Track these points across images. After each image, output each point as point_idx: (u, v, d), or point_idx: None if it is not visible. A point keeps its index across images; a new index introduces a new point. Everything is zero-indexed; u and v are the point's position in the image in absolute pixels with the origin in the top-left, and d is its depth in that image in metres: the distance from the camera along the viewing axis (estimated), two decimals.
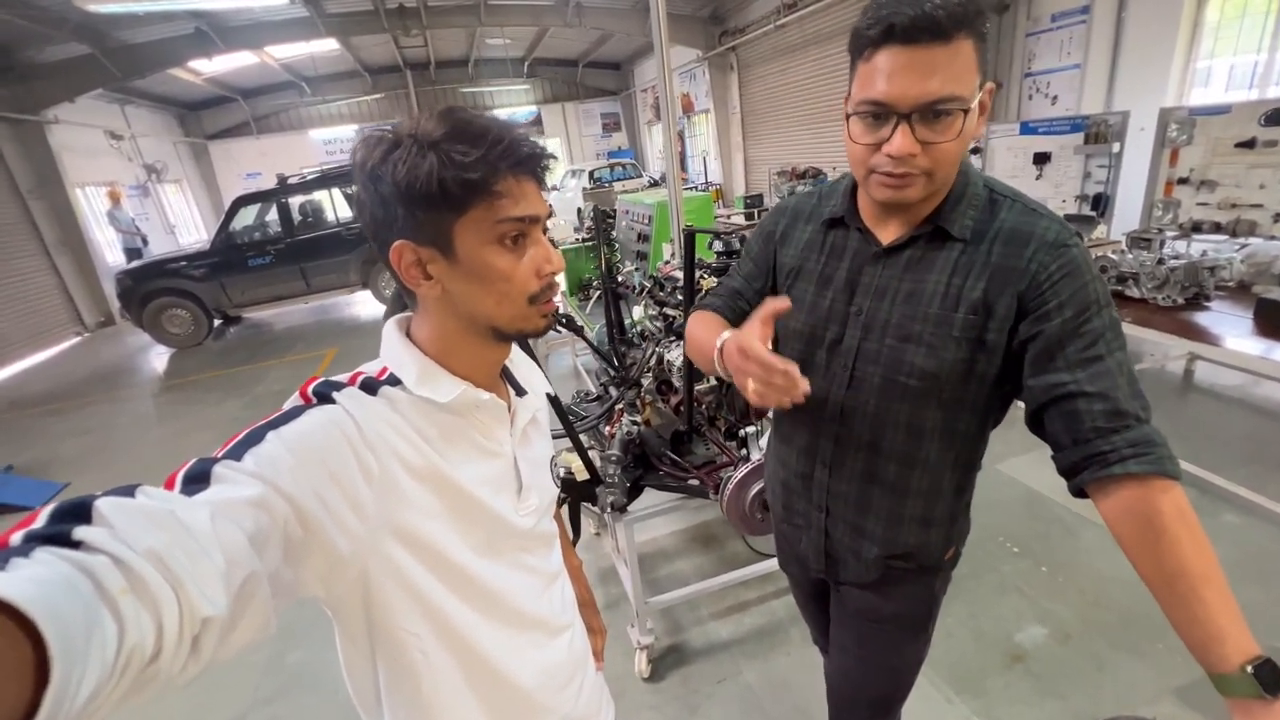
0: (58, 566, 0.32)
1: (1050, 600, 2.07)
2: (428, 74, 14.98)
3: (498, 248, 0.61)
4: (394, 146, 0.57)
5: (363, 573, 0.58)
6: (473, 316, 0.64)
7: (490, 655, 0.69)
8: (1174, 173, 4.31)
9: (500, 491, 0.69)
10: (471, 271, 0.61)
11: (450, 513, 0.63)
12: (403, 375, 0.64)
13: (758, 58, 10.68)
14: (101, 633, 0.32)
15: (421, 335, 0.67)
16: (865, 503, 0.98)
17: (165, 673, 0.37)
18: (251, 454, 0.51)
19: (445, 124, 0.57)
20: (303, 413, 0.57)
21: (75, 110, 8.73)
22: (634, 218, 3.83)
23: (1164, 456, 0.73)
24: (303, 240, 7.14)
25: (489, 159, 0.57)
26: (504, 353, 0.72)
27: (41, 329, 7.84)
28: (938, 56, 0.71)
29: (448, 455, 0.64)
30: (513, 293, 0.62)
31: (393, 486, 0.59)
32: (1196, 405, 3.32)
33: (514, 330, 0.66)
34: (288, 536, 0.50)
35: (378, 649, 0.64)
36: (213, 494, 0.45)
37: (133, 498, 0.40)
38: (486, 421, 0.69)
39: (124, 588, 0.34)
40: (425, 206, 0.57)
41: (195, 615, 0.38)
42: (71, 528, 0.35)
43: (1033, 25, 5.91)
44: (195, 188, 14.07)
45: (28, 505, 3.62)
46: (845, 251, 0.94)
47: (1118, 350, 0.78)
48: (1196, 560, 0.69)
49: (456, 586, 0.65)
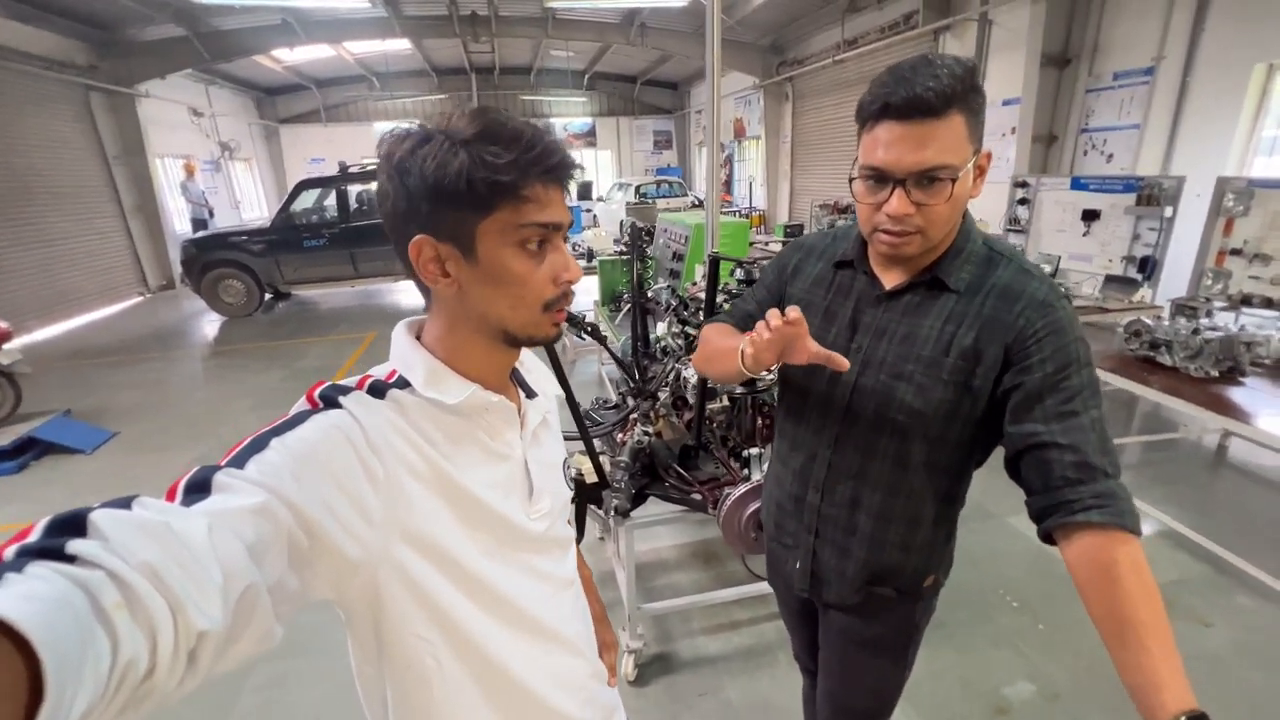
0: (53, 582, 0.32)
1: (1043, 658, 2.05)
2: (491, 79, 15.50)
3: (519, 251, 0.61)
4: (424, 141, 0.57)
5: (373, 578, 0.58)
6: (485, 318, 0.64)
7: (503, 661, 0.68)
8: (1227, 243, 4.21)
9: (509, 495, 0.68)
10: (490, 273, 0.61)
11: (457, 516, 0.63)
12: (411, 377, 0.63)
13: (813, 90, 10.76)
14: (95, 649, 0.32)
15: (432, 337, 0.67)
16: (851, 527, 1.04)
17: (161, 688, 0.37)
18: (254, 461, 0.50)
19: (478, 123, 0.57)
20: (308, 418, 0.56)
21: (164, 86, 9.37)
22: (672, 236, 3.94)
23: (1125, 511, 0.79)
24: (355, 227, 7.47)
25: (520, 163, 0.57)
26: (514, 356, 0.71)
27: (110, 286, 8.37)
28: (930, 130, 0.80)
29: (454, 458, 0.63)
30: (528, 298, 0.63)
31: (399, 491, 0.58)
32: (1226, 481, 3.22)
33: (524, 336, 0.66)
34: (292, 544, 0.50)
35: (388, 657, 0.64)
36: (212, 504, 0.45)
37: (129, 510, 0.40)
38: (495, 424, 0.68)
39: (118, 603, 0.34)
40: (451, 203, 0.57)
41: (191, 630, 0.37)
42: (66, 541, 0.35)
43: (1094, 82, 5.85)
44: (263, 167, 14.79)
45: (80, 448, 3.89)
46: (851, 292, 1.02)
47: (1093, 408, 0.83)
48: (1145, 611, 0.73)
49: (467, 590, 0.64)
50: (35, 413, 4.06)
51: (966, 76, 0.80)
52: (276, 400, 4.63)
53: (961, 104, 0.80)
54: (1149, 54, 5.30)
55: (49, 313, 7.21)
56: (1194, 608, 2.26)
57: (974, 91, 0.81)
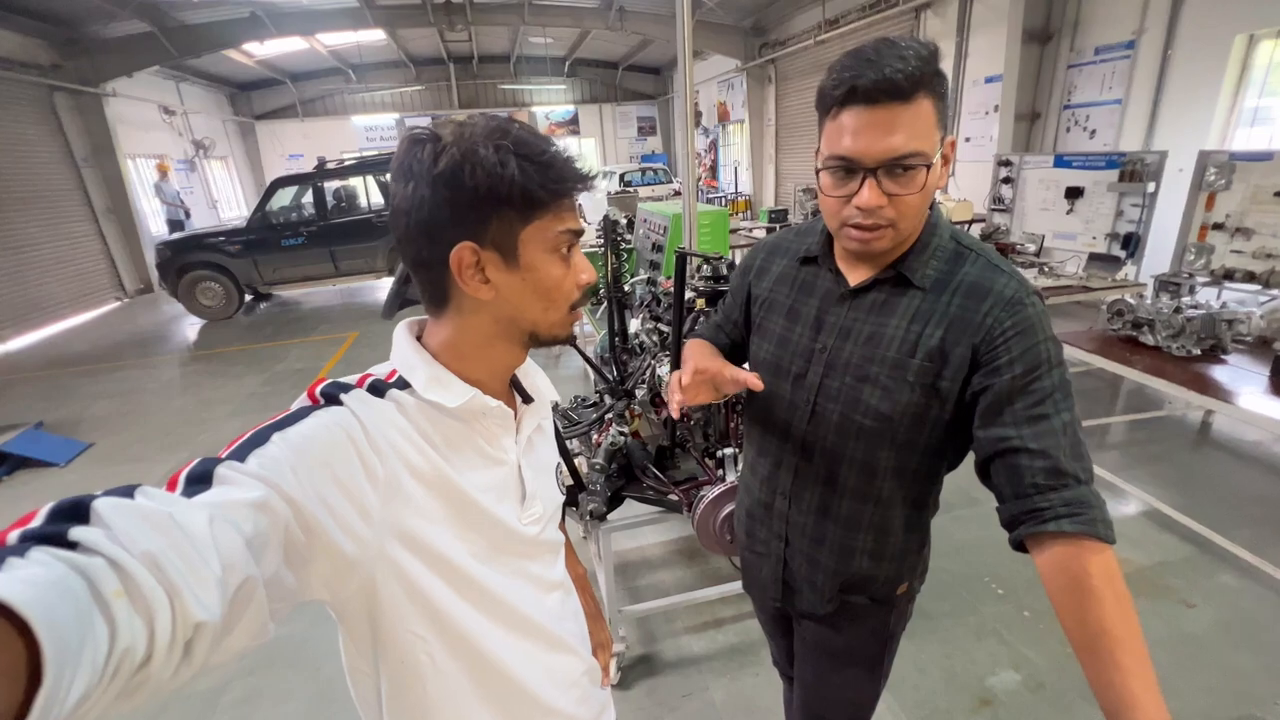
0: (54, 567, 0.32)
1: (1028, 646, 2.04)
2: (470, 68, 15.25)
3: (555, 256, 0.64)
4: (471, 150, 0.57)
5: (369, 576, 0.58)
6: (515, 321, 0.66)
7: (497, 658, 0.69)
8: (1209, 217, 4.20)
9: (503, 499, 0.69)
10: (529, 277, 0.63)
11: (453, 517, 0.64)
12: (412, 379, 0.64)
13: (796, 71, 10.65)
14: (94, 636, 0.32)
15: (436, 340, 0.67)
16: (820, 534, 1.00)
17: (156, 677, 0.37)
18: (255, 455, 0.51)
19: (509, 135, 0.59)
20: (309, 414, 0.57)
21: (132, 85, 9.12)
22: (651, 226, 3.88)
23: (1097, 519, 0.74)
24: (334, 224, 7.34)
25: (564, 174, 0.61)
26: (522, 359, 0.73)
27: (85, 292, 8.20)
28: (899, 115, 0.75)
29: (452, 460, 0.64)
30: (560, 300, 0.66)
31: (397, 489, 0.59)
32: (1210, 459, 3.22)
33: (549, 336, 0.69)
34: (289, 540, 0.50)
35: (382, 653, 0.64)
36: (213, 495, 0.45)
37: (131, 498, 0.40)
38: (492, 428, 0.69)
39: (118, 590, 0.34)
40: (499, 210, 0.60)
41: (188, 620, 0.38)
42: (69, 528, 0.35)
43: (1075, 57, 5.80)
44: (240, 165, 14.52)
45: (54, 461, 3.80)
46: (816, 289, 0.97)
47: (1064, 411, 0.79)
48: (1119, 624, 0.70)
49: (461, 590, 0.65)
50: (7, 425, 3.97)
51: (931, 59, 0.75)
52: (256, 406, 4.56)
53: (929, 87, 0.75)
54: (1130, 28, 5.26)
55: (22, 322, 7.06)
56: (1177, 589, 2.25)
57: (939, 75, 0.76)
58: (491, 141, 0.58)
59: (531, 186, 0.59)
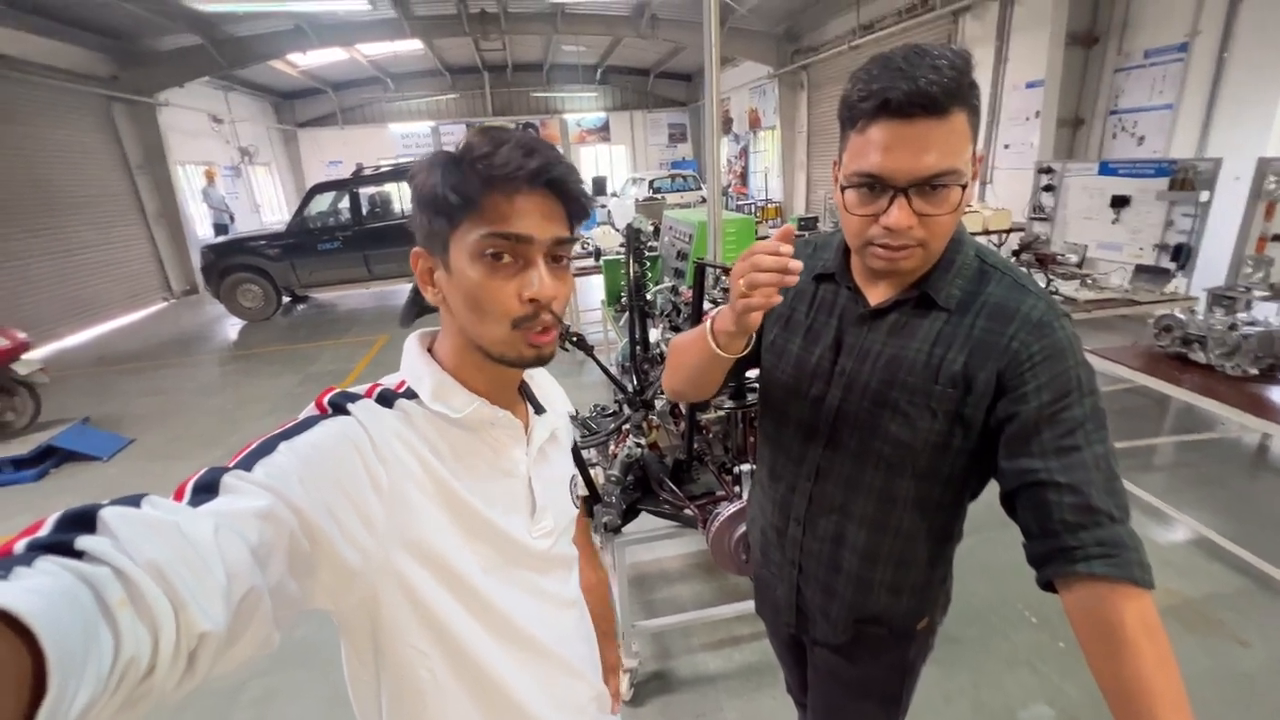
0: (60, 577, 0.32)
1: (1063, 679, 1.93)
2: (504, 76, 15.50)
3: (478, 263, 0.60)
4: (429, 156, 0.61)
5: (372, 587, 0.58)
6: (464, 332, 0.64)
7: (500, 678, 0.66)
8: (1269, 228, 3.96)
9: (511, 512, 0.68)
10: (458, 284, 0.61)
11: (460, 529, 0.63)
12: (419, 389, 0.64)
13: (829, 78, 10.51)
14: (99, 645, 0.32)
15: (442, 350, 0.68)
16: (836, 564, 0.96)
17: (160, 688, 0.37)
18: (262, 464, 0.51)
19: (472, 140, 0.60)
20: (316, 423, 0.57)
21: (183, 94, 9.54)
22: (676, 234, 3.84)
23: (1133, 561, 0.69)
24: (369, 229, 7.52)
25: (484, 174, 0.58)
26: (514, 372, 0.71)
27: (135, 292, 8.57)
28: (933, 131, 0.70)
29: (459, 472, 0.63)
30: (493, 312, 0.61)
31: (403, 500, 0.58)
32: (1268, 485, 3.03)
33: (497, 355, 0.63)
34: (294, 549, 0.50)
35: (384, 666, 0.63)
36: (219, 504, 0.45)
37: (138, 507, 0.40)
38: (501, 439, 0.68)
39: (122, 599, 0.34)
40: (430, 215, 0.60)
41: (193, 630, 0.38)
42: (75, 536, 0.35)
43: (1123, 60, 5.58)
44: (283, 171, 15.03)
45: (97, 455, 3.96)
46: (834, 308, 0.92)
47: (1097, 442, 0.73)
48: (1157, 679, 0.64)
49: (467, 604, 0.63)
50: (55, 421, 4.16)
51: (966, 68, 0.70)
52: (291, 405, 4.67)
53: (963, 100, 0.70)
54: (1183, 29, 5.02)
55: (75, 320, 7.40)
56: (1229, 623, 2.11)
57: (973, 86, 0.71)
58: (457, 150, 0.60)
59: (444, 191, 0.58)
